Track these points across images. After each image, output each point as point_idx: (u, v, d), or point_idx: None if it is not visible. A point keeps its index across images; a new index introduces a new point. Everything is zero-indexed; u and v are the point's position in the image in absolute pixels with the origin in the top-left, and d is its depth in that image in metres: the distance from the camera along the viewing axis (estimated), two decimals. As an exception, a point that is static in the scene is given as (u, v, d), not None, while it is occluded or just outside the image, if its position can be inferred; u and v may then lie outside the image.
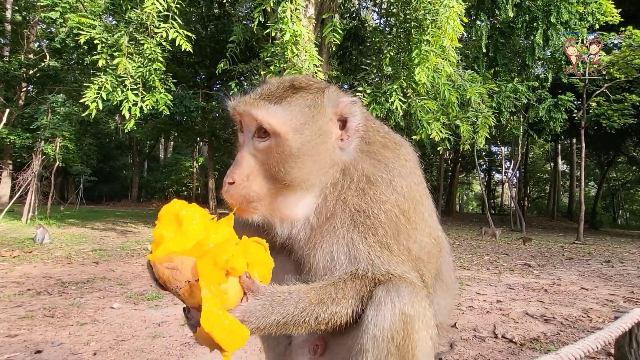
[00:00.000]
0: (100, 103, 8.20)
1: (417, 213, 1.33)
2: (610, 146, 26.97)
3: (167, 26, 8.02)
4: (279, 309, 1.12)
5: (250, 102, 1.26)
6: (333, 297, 1.18)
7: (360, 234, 1.24)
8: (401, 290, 1.18)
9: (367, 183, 1.28)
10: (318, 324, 1.17)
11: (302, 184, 1.26)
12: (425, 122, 9.43)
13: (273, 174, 1.23)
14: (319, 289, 1.19)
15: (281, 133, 1.22)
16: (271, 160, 1.23)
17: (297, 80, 1.34)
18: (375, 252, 1.22)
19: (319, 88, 1.33)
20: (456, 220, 25.73)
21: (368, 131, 1.37)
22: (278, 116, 1.23)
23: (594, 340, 1.81)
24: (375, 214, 1.24)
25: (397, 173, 1.31)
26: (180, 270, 1.04)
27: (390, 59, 9.49)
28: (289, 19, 7.46)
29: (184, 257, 1.04)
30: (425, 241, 1.35)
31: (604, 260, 9.68)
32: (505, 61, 14.73)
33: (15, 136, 17.25)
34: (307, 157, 1.24)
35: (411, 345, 1.16)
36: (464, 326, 4.10)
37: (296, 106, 1.26)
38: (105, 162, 31.07)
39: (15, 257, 7.35)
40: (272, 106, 1.24)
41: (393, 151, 1.37)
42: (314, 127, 1.26)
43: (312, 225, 1.29)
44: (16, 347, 3.25)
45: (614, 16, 13.78)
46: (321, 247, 1.27)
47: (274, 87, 1.31)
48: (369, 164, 1.31)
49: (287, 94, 1.28)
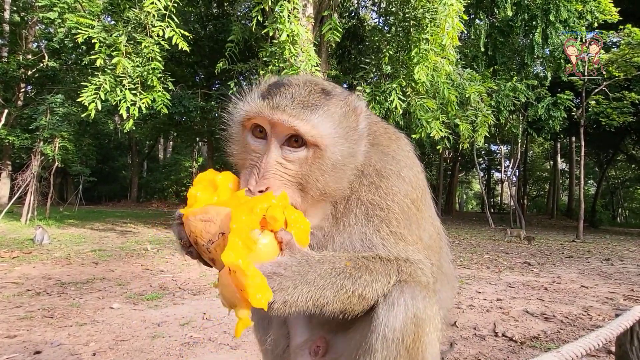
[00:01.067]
0: (99, 103, 8.18)
1: (424, 202, 1.35)
2: (610, 144, 27.01)
3: (164, 24, 8.01)
4: (316, 267, 1.06)
5: (285, 109, 1.13)
6: (367, 265, 1.14)
7: (374, 227, 1.22)
8: (415, 292, 1.17)
9: (378, 177, 1.27)
10: (352, 293, 1.09)
11: (334, 193, 1.21)
12: (424, 121, 9.43)
13: (307, 184, 1.16)
14: (352, 257, 1.15)
15: (322, 145, 1.14)
16: (306, 171, 1.15)
17: (320, 83, 1.27)
18: (390, 244, 1.21)
19: (343, 93, 1.28)
20: (456, 219, 25.73)
21: (372, 124, 1.37)
22: (320, 126, 1.14)
23: (595, 338, 1.80)
24: (389, 205, 1.23)
25: (404, 164, 1.32)
26: (215, 222, 0.98)
27: (390, 57, 9.49)
28: (286, 19, 7.44)
29: (220, 207, 1.00)
30: (431, 230, 1.37)
31: (603, 259, 9.69)
32: (504, 60, 14.74)
33: (14, 137, 17.22)
34: (344, 166, 1.19)
35: (421, 348, 1.15)
36: (464, 325, 4.09)
37: (334, 116, 1.18)
38: (104, 163, 31.04)
39: (14, 257, 7.34)
40: (311, 115, 1.14)
41: (396, 142, 1.38)
42: (349, 137, 1.21)
43: (328, 227, 1.26)
44: (15, 347, 3.24)
45: (612, 14, 13.79)
46: (333, 246, 1.24)
47: (304, 92, 1.18)
48: (377, 158, 1.30)
49: (322, 100, 1.18)
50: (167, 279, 6.09)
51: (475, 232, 16.89)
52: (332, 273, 1.08)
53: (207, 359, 3.15)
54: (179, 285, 5.65)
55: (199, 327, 3.89)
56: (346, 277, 1.09)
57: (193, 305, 4.61)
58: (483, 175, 38.53)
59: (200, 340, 3.54)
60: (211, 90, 18.34)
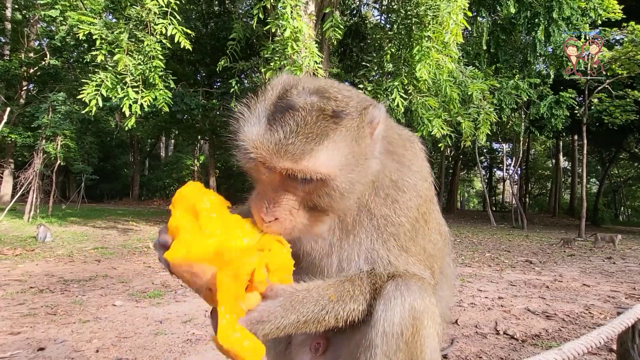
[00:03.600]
0: (100, 100, 8.19)
1: (431, 213, 1.34)
2: (612, 143, 26.85)
3: (166, 22, 8.00)
4: (299, 308, 1.10)
5: (287, 153, 1.02)
6: (351, 293, 1.17)
7: (383, 240, 1.22)
8: (410, 286, 1.17)
9: (395, 189, 1.24)
10: (337, 321, 1.17)
11: (347, 210, 1.20)
12: (426, 119, 9.41)
13: (317, 208, 1.13)
14: (337, 285, 1.17)
15: (329, 177, 1.07)
16: (315, 198, 1.11)
17: (332, 98, 1.10)
18: (394, 255, 1.22)
19: (357, 109, 1.13)
20: (457, 217, 25.70)
21: (387, 129, 1.27)
22: (326, 161, 1.05)
23: (597, 336, 1.80)
24: (402, 222, 1.23)
25: (420, 176, 1.30)
26: (201, 277, 1.02)
27: (391, 55, 9.46)
28: (289, 15, 7.43)
29: (205, 265, 1.01)
30: (437, 239, 1.36)
31: (605, 257, 9.66)
32: (506, 57, 14.67)
33: (17, 135, 17.26)
34: (355, 191, 1.15)
35: (420, 342, 1.16)
36: (466, 323, 4.10)
37: (344, 142, 1.07)
38: (106, 161, 31.09)
39: (17, 255, 7.37)
40: (318, 150, 1.03)
41: (411, 150, 1.34)
42: (361, 159, 1.12)
43: (334, 238, 1.25)
44: (19, 344, 3.27)
45: (616, 12, 13.71)
46: (339, 256, 1.25)
47: (311, 119, 1.05)
48: (395, 168, 1.26)
49: (330, 127, 1.06)
50: (169, 276, 6.06)
51: (476, 230, 16.87)
52: (314, 310, 1.13)
53: (209, 355, 3.17)
54: (180, 283, 5.65)
55: (200, 324, 3.91)
56: (328, 312, 1.14)
57: (195, 303, 4.62)
58: (485, 173, 38.42)
59: (202, 337, 3.55)
60: (213, 88, 18.34)
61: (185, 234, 1.04)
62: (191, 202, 1.09)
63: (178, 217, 1.07)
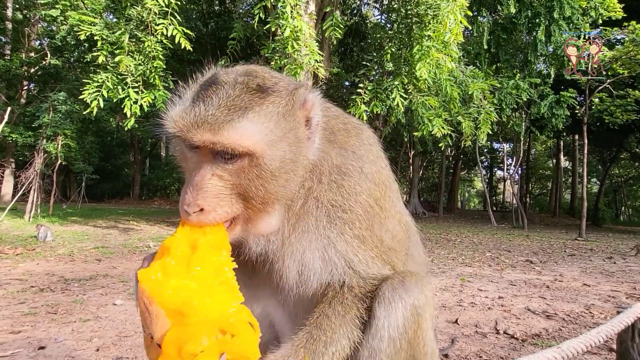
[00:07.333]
0: (101, 101, 8.20)
1: (387, 199, 1.28)
2: (613, 142, 26.82)
3: (167, 22, 8.00)
4: None
5: (205, 124, 0.98)
6: (324, 339, 1.09)
7: (337, 231, 1.15)
8: (407, 284, 1.16)
9: (339, 174, 1.18)
10: None
11: (281, 198, 1.12)
12: (426, 119, 9.41)
13: (247, 194, 1.05)
14: (306, 341, 1.09)
15: (256, 153, 1.01)
16: (244, 181, 1.03)
17: (259, 77, 1.10)
18: (353, 249, 1.16)
19: (287, 89, 1.12)
20: (458, 217, 25.69)
21: (330, 119, 1.26)
22: (250, 133, 1.00)
23: (596, 335, 1.80)
24: (352, 206, 1.16)
25: (366, 159, 1.24)
26: (152, 320, 0.90)
27: (392, 55, 9.45)
28: (289, 14, 7.43)
29: (163, 314, 0.89)
30: (397, 229, 1.31)
31: (606, 257, 9.66)
32: (507, 57, 14.65)
33: (17, 134, 17.29)
34: (287, 171, 1.08)
35: (421, 336, 1.17)
36: (466, 322, 4.10)
37: (269, 116, 1.04)
38: (107, 160, 31.11)
39: (18, 254, 7.39)
40: (239, 121, 0.99)
41: (357, 137, 1.29)
42: (290, 137, 1.08)
43: (285, 233, 1.17)
44: (20, 343, 3.27)
45: (617, 11, 13.68)
46: (292, 254, 1.16)
47: (234, 92, 1.03)
48: (336, 154, 1.21)
49: (255, 100, 1.04)
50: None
51: (477, 230, 16.87)
52: None
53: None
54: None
55: (201, 324, 3.91)
56: None
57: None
58: (485, 173, 38.42)
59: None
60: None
61: (171, 259, 0.95)
62: (194, 237, 0.99)
63: (177, 240, 0.98)
